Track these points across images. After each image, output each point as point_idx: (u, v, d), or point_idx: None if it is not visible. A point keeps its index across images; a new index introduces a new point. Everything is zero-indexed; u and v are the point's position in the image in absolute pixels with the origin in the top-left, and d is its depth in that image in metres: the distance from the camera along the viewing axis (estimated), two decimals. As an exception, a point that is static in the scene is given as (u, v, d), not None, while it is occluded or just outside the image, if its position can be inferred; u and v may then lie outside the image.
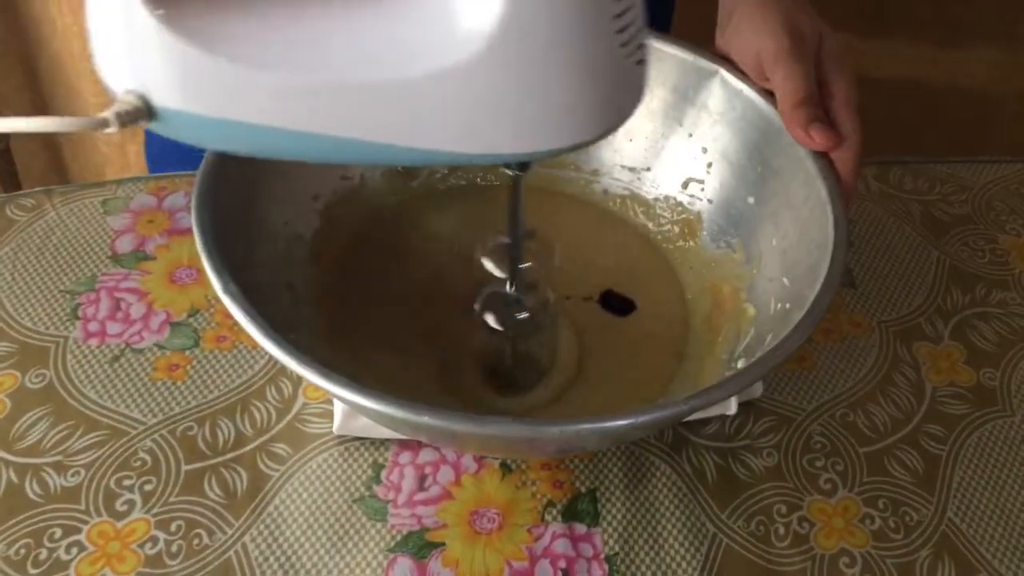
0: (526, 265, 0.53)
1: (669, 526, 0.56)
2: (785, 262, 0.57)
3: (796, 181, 0.57)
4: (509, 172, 0.48)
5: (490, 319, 0.56)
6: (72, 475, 0.55)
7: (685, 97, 0.63)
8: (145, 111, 0.38)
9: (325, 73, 0.37)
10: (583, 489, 0.57)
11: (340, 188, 0.63)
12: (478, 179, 0.68)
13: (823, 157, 0.55)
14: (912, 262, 0.71)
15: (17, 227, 0.68)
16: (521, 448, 0.55)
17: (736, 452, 0.59)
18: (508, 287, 0.54)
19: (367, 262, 0.62)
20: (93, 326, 0.63)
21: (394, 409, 0.43)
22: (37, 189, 0.70)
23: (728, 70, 0.60)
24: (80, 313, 0.63)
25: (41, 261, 0.66)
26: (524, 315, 0.56)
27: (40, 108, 1.31)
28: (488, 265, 0.54)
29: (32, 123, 0.38)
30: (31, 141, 1.36)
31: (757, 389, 0.61)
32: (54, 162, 1.42)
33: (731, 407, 0.60)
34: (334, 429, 0.57)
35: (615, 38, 0.38)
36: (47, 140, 1.39)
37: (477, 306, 0.56)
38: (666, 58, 0.61)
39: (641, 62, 0.40)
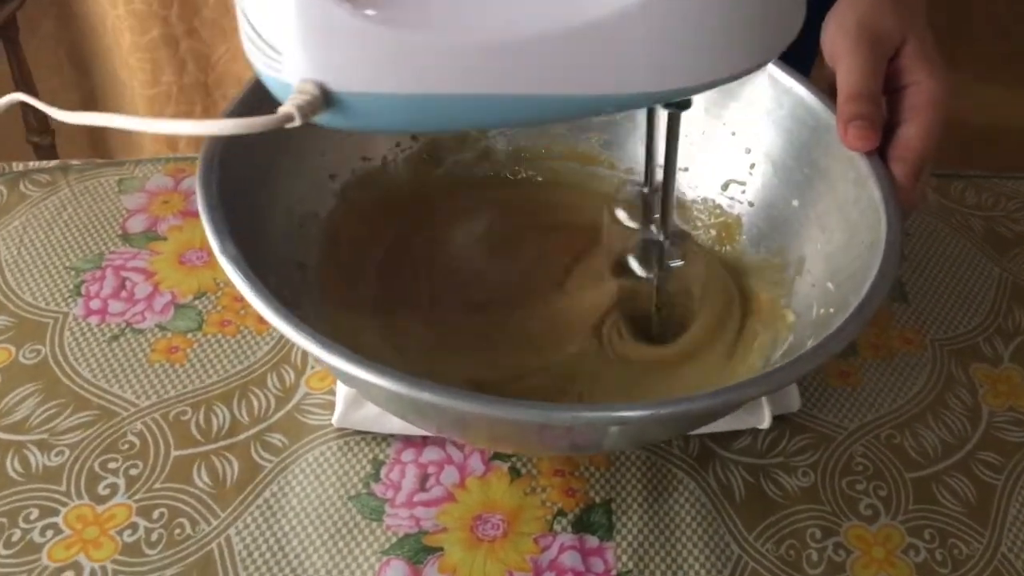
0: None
1: (690, 545, 0.51)
2: (830, 266, 0.53)
3: (845, 181, 0.53)
4: (668, 111, 0.46)
5: (637, 266, 0.53)
6: (56, 455, 0.52)
7: (729, 93, 0.59)
8: (323, 99, 0.37)
9: (502, 31, 0.38)
10: (597, 499, 0.52)
11: (359, 169, 0.60)
12: (506, 173, 0.65)
13: (875, 157, 0.51)
14: (971, 279, 0.66)
15: (29, 202, 0.66)
16: (531, 438, 0.50)
17: (768, 469, 0.54)
18: (656, 234, 0.52)
19: (380, 248, 0.59)
20: (95, 304, 0.60)
21: (394, 383, 0.39)
22: (53, 163, 0.68)
23: (778, 65, 0.56)
24: (83, 290, 0.61)
25: (49, 237, 0.64)
26: (677, 263, 0.53)
27: (89, 103, 1.31)
28: (621, 215, 0.53)
29: (210, 126, 0.39)
30: (78, 134, 1.36)
31: (794, 402, 0.56)
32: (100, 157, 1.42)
33: (764, 420, 0.55)
34: (334, 421, 0.54)
35: None
36: (95, 137, 1.39)
37: (631, 256, 0.53)
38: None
39: None
